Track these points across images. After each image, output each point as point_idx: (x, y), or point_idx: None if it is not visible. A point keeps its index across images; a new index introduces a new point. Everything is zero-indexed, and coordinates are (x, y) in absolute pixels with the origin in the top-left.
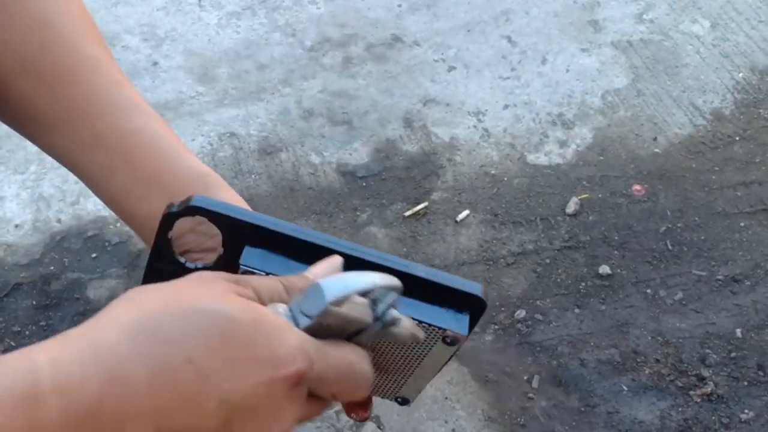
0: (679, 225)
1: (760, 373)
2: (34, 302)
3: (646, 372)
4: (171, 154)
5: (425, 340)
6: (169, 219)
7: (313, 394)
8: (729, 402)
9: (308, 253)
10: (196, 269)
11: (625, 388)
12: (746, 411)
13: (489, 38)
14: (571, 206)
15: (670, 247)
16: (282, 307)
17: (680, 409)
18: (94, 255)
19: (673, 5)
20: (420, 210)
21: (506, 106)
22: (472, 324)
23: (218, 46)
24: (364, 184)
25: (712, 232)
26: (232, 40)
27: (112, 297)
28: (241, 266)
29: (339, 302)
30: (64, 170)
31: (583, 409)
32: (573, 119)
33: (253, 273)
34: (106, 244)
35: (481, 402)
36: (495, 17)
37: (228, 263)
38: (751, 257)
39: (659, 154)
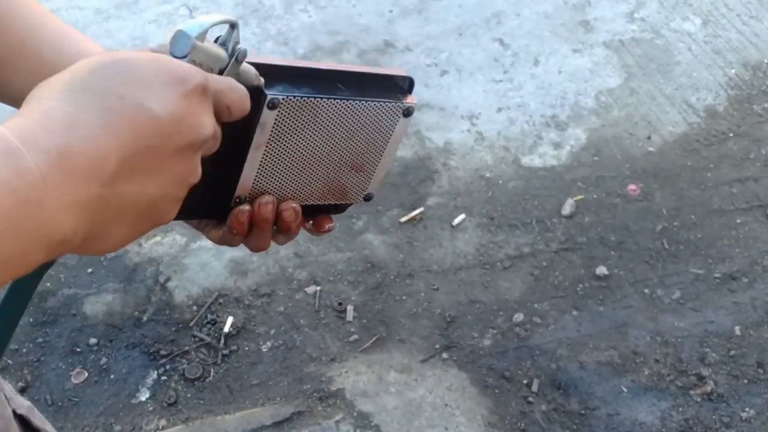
0: (675, 224)
1: (760, 370)
2: (31, 319)
3: (646, 373)
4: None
5: (389, 121)
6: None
7: (216, 113)
8: (729, 400)
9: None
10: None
11: (624, 389)
12: (747, 409)
13: (481, 41)
14: (567, 208)
15: (666, 246)
16: None
17: (681, 409)
18: (89, 270)
19: (664, 3)
20: (416, 215)
21: (500, 109)
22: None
23: None
24: None
25: (708, 230)
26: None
27: (108, 312)
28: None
29: (201, 38)
30: None
31: (583, 412)
32: (567, 120)
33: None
34: (102, 259)
35: (481, 407)
36: (486, 20)
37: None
38: (748, 254)
39: (654, 152)
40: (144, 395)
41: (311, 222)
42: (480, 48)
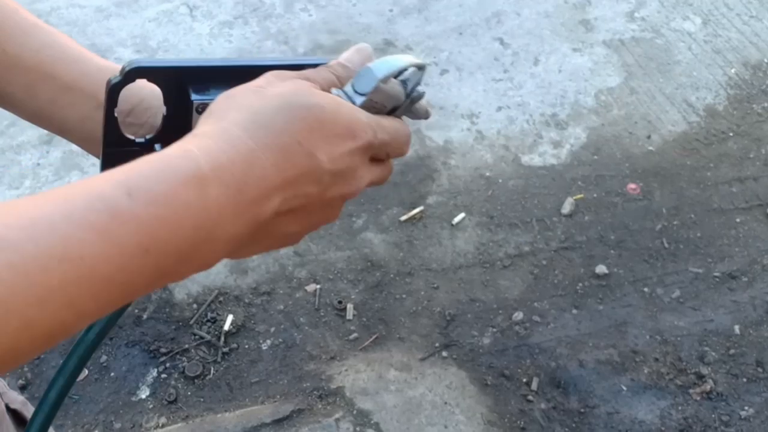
0: (674, 223)
1: (759, 369)
2: None
3: (645, 371)
4: (82, 60)
5: None
6: (113, 92)
7: (374, 158)
8: (729, 399)
9: (242, 76)
10: (147, 142)
11: (624, 388)
12: (746, 408)
13: (481, 41)
14: (567, 207)
15: (666, 245)
16: (337, 91)
17: (680, 407)
18: None
19: (664, 3)
20: (416, 214)
21: (499, 108)
22: None
23: (211, 55)
24: None
25: (708, 229)
26: (225, 50)
27: None
28: (194, 102)
29: (385, 80)
30: (59, 184)
31: (582, 410)
32: (566, 119)
33: (207, 104)
34: None
35: (481, 406)
36: (486, 19)
37: (172, 121)
38: (747, 253)
39: (653, 152)
40: (144, 393)
41: None
42: (480, 47)
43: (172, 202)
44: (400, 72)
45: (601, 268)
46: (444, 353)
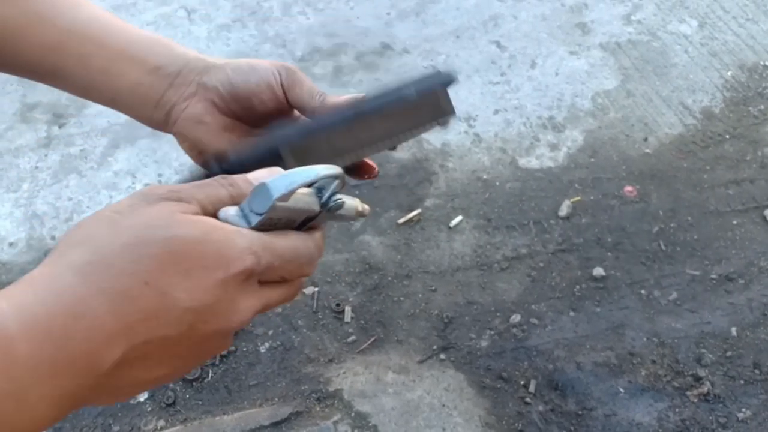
0: (671, 225)
1: (757, 371)
2: None
3: (643, 373)
4: (127, 30)
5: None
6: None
7: (265, 281)
8: (726, 401)
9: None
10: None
11: (621, 390)
12: (743, 410)
13: (478, 44)
14: (564, 209)
15: (663, 248)
16: (233, 209)
17: (677, 409)
18: None
19: (661, 5)
20: (413, 217)
21: (497, 111)
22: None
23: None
24: (356, 192)
25: (704, 231)
26: (223, 53)
27: None
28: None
29: (285, 197)
30: (57, 187)
31: (580, 412)
32: (563, 122)
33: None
34: None
35: (478, 408)
36: (483, 22)
37: None
38: (744, 255)
39: (650, 154)
40: (142, 396)
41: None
42: (477, 50)
43: None
44: (311, 184)
45: (598, 271)
46: (442, 356)
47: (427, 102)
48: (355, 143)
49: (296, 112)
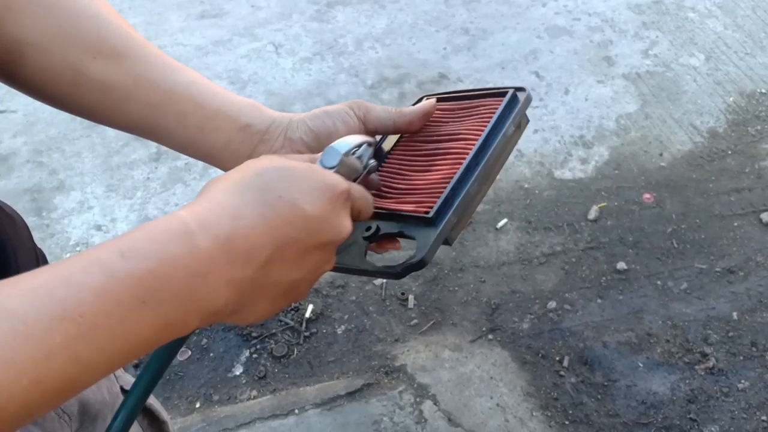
0: (683, 226)
1: (754, 349)
2: None
3: (658, 351)
4: (222, 93)
5: (515, 135)
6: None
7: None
8: (728, 374)
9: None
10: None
11: (641, 364)
12: (742, 381)
13: (520, 74)
14: (592, 213)
15: (675, 245)
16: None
17: (687, 381)
18: None
19: (674, 42)
20: None
21: (536, 131)
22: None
23: (293, 86)
24: None
25: (710, 232)
26: (305, 81)
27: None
28: None
29: (347, 153)
30: (165, 195)
31: (606, 383)
32: (592, 140)
33: None
34: None
35: (520, 380)
36: (525, 56)
37: None
38: (744, 252)
39: (665, 167)
40: (238, 370)
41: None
42: (519, 79)
43: (163, 257)
44: (356, 148)
45: (621, 265)
46: (490, 336)
47: (520, 126)
48: (483, 186)
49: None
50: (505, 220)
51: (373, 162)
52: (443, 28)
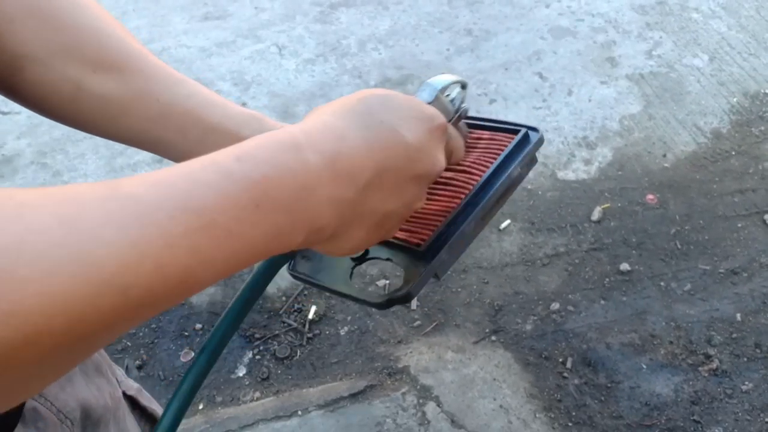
0: (686, 227)
1: (758, 350)
2: None
3: (662, 352)
4: (223, 105)
5: (520, 176)
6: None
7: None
8: (732, 375)
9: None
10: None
11: (644, 366)
12: (746, 383)
13: (523, 75)
14: (596, 214)
15: (679, 246)
16: None
17: (691, 382)
18: None
19: (677, 42)
20: None
21: None
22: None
23: (297, 88)
24: None
25: (714, 233)
26: (308, 83)
27: (211, 302)
28: None
29: (442, 90)
30: None
31: (609, 385)
32: (595, 141)
33: None
34: None
35: (524, 381)
36: (528, 57)
37: None
38: (747, 253)
39: (668, 168)
40: (241, 371)
41: None
42: (523, 80)
43: (276, 165)
44: (450, 86)
45: (624, 266)
46: (493, 337)
47: (526, 168)
48: (480, 225)
49: None
50: (508, 221)
51: (465, 106)
52: (446, 29)
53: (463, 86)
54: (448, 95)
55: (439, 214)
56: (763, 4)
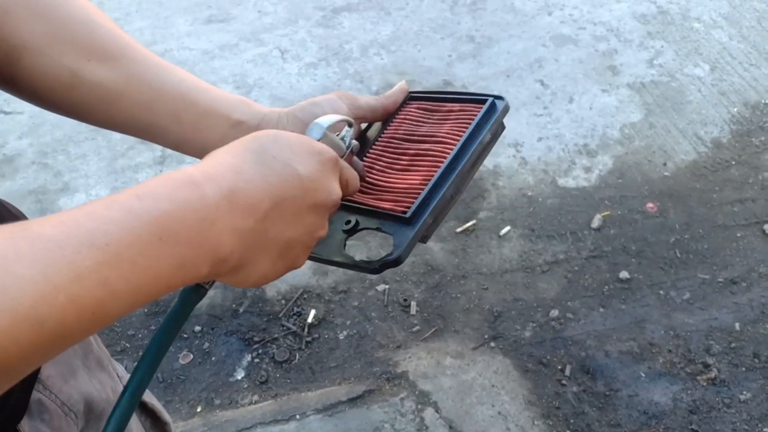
0: (686, 236)
1: (756, 360)
2: (145, 310)
3: (660, 361)
4: (211, 90)
5: (491, 143)
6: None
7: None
8: (730, 385)
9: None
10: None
11: (642, 374)
12: (744, 392)
13: (525, 82)
14: (596, 222)
15: (678, 255)
16: None
17: (689, 391)
18: None
19: (679, 52)
20: (469, 227)
21: (540, 139)
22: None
23: (298, 91)
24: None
25: (713, 242)
26: (310, 87)
27: (210, 305)
28: None
29: (330, 128)
30: None
31: (608, 393)
32: (596, 149)
33: None
34: None
35: (522, 388)
36: (530, 64)
37: None
38: (746, 262)
39: (669, 177)
40: (240, 375)
41: None
42: (524, 87)
43: (175, 200)
44: (338, 127)
45: (624, 274)
46: (492, 344)
47: (495, 134)
48: (458, 190)
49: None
50: (508, 228)
51: (355, 143)
52: (448, 36)
53: (350, 125)
54: (338, 134)
55: (421, 184)
56: (764, 14)
